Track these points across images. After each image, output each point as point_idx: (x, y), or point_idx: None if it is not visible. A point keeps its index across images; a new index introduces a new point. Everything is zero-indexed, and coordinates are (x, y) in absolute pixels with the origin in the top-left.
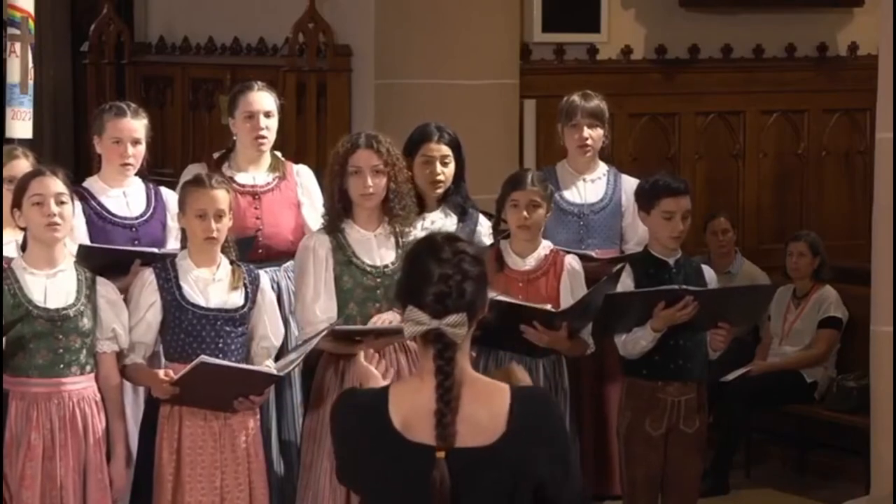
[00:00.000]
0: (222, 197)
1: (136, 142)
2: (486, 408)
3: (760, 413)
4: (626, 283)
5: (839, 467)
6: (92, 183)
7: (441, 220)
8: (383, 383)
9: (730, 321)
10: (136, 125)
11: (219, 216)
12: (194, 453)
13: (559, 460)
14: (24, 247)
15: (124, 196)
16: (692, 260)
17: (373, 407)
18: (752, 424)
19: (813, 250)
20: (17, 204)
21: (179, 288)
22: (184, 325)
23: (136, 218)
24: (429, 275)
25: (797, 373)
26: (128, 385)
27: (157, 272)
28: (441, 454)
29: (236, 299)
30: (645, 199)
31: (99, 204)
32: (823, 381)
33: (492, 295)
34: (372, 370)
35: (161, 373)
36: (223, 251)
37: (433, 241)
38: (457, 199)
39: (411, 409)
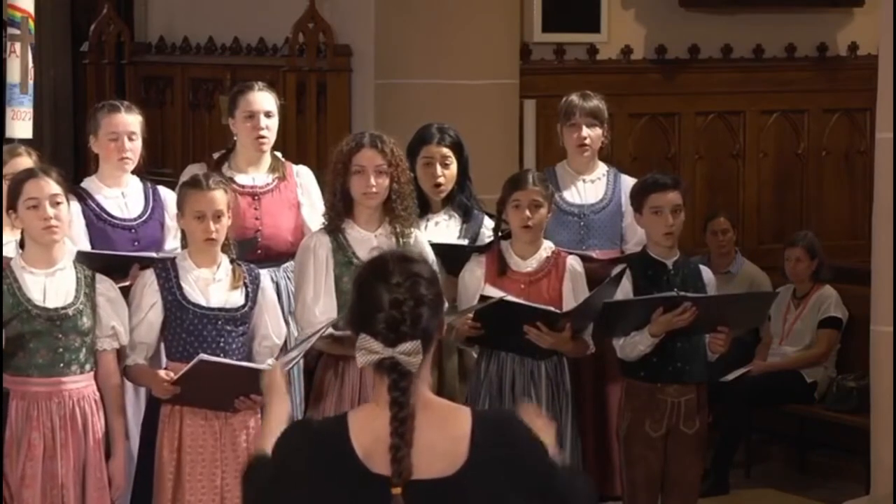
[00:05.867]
0: (220, 197)
1: (132, 136)
2: (444, 433)
3: (760, 413)
4: (624, 285)
5: (839, 467)
6: (90, 183)
7: (445, 222)
8: (287, 401)
9: (730, 326)
10: (131, 119)
11: (217, 217)
12: (195, 452)
13: (542, 483)
14: (22, 244)
15: (122, 196)
16: (691, 261)
17: (334, 434)
18: (752, 424)
19: (810, 254)
20: (11, 206)
21: (180, 288)
22: (185, 324)
23: (135, 219)
24: (379, 301)
25: (797, 373)
26: (129, 385)
27: (157, 272)
28: (397, 490)
29: (237, 299)
30: (636, 200)
31: (98, 205)
32: (823, 381)
33: (495, 294)
34: (279, 385)
35: (162, 373)
36: (223, 250)
37: (382, 265)
38: (461, 199)
39: (371, 437)
